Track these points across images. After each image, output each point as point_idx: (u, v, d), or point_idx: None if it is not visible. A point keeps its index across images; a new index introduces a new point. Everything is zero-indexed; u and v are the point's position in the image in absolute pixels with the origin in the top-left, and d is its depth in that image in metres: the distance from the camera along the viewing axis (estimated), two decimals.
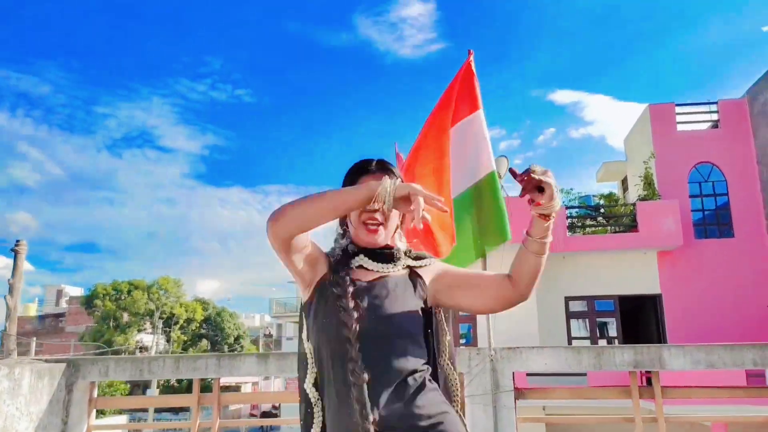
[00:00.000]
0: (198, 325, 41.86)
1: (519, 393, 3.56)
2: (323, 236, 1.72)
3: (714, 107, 16.27)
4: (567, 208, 16.32)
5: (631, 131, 18.42)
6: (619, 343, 14.90)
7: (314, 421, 1.57)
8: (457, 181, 4.00)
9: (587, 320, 15.47)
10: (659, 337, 15.12)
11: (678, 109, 16.36)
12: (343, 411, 1.46)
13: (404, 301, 1.59)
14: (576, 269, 15.11)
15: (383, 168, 1.69)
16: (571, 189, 18.39)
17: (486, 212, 3.94)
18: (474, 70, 3.98)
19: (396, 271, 1.65)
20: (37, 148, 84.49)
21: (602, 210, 17.22)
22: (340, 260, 1.62)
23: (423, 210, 1.40)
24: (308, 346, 1.63)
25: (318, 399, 1.58)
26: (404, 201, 1.45)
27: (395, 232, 1.70)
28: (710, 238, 15.50)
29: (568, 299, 15.33)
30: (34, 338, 25.96)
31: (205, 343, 42.50)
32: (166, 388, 33.98)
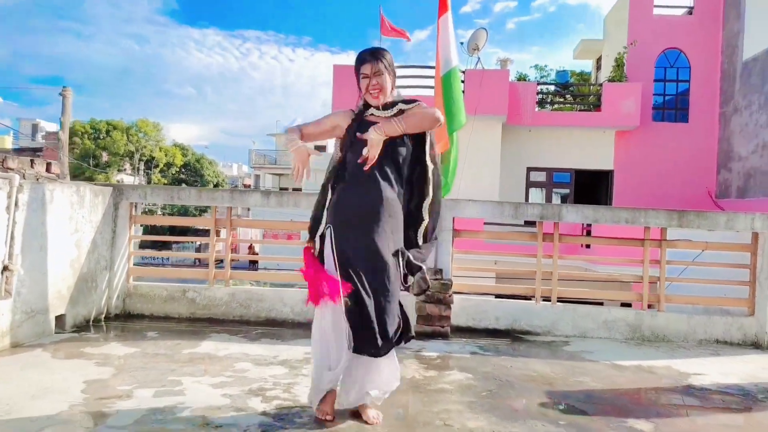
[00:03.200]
0: (177, 169, 42.89)
1: (456, 233, 4.82)
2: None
3: None
4: (538, 84, 17.10)
5: (611, 10, 18.72)
6: None
7: (327, 202, 2.70)
8: (443, 63, 5.05)
9: (545, 190, 16.97)
10: None
11: None
12: (351, 191, 2.61)
13: (398, 139, 2.65)
14: (539, 142, 16.28)
15: (374, 56, 2.67)
16: (545, 65, 19.02)
17: (453, 93, 4.99)
18: None
19: (398, 114, 2.66)
20: None
21: (571, 88, 18.04)
22: (358, 114, 2.71)
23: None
24: (336, 157, 2.77)
25: (331, 188, 2.71)
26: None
27: (391, 92, 2.72)
28: (666, 122, 16.64)
29: (529, 169, 16.67)
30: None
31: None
32: (152, 230, 35.68)
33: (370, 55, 2.66)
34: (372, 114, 2.68)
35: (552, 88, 17.79)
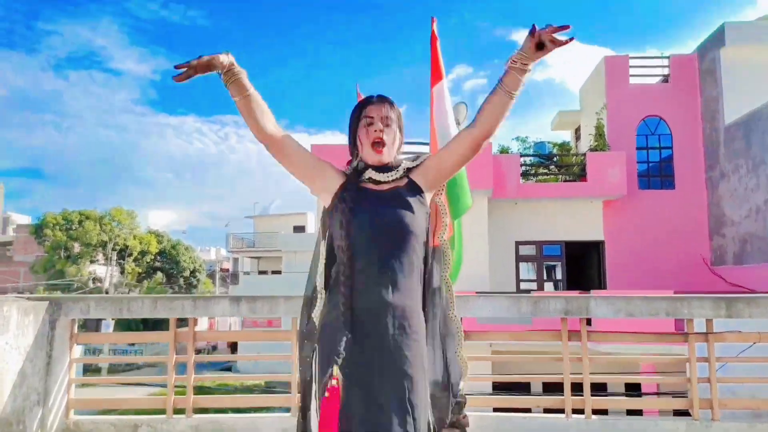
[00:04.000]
0: (153, 257, 41.67)
1: (465, 335, 4.03)
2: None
3: (666, 61, 16.81)
4: (522, 155, 16.85)
5: (586, 81, 18.88)
6: (563, 286, 15.86)
7: (316, 303, 1.99)
8: (440, 136, 4.39)
9: (535, 264, 16.34)
10: (600, 281, 16.14)
11: (632, 62, 16.83)
12: (344, 291, 1.86)
13: (408, 207, 1.94)
14: (527, 215, 15.81)
15: (384, 100, 2.03)
16: (527, 137, 18.91)
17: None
18: (437, 36, 4.24)
19: (401, 182, 2.00)
20: None
21: (555, 159, 17.85)
22: (352, 174, 2.00)
23: None
24: (324, 246, 2.02)
25: (322, 288, 1.99)
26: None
27: (396, 151, 2.05)
28: (653, 189, 16.37)
29: (518, 243, 16.10)
30: None
31: (160, 275, 42.45)
32: (121, 326, 34.08)
33: (379, 99, 2.01)
34: (370, 179, 1.98)
35: (535, 159, 17.56)
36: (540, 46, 1.79)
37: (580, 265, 17.23)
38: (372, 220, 1.89)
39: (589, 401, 3.96)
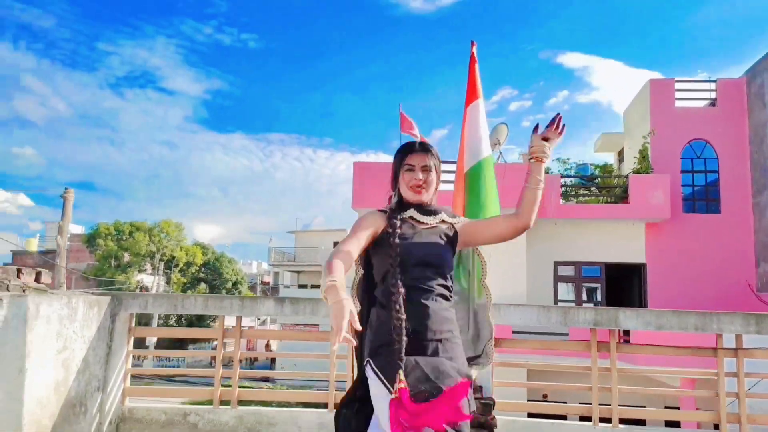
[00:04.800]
0: (197, 268, 42.79)
1: (497, 342, 4.20)
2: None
3: (713, 85, 16.61)
4: (562, 176, 16.83)
5: (630, 104, 18.76)
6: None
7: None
8: (468, 156, 4.60)
9: (574, 284, 16.21)
10: (641, 304, 15.88)
11: (678, 85, 16.68)
12: (387, 314, 2.07)
13: (447, 247, 2.22)
14: (566, 235, 15.75)
15: (424, 148, 2.30)
16: (568, 158, 18.89)
17: (487, 184, 4.50)
18: (476, 59, 4.47)
19: (441, 224, 2.27)
20: (41, 82, 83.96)
21: (596, 180, 17.74)
22: (393, 212, 2.23)
23: None
24: (359, 274, 2.33)
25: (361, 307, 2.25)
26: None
27: (434, 194, 2.30)
28: (698, 213, 16.09)
29: (557, 263, 16.02)
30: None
31: (203, 286, 43.55)
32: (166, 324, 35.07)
33: (421, 147, 2.29)
34: (411, 217, 2.23)
35: (576, 180, 17.50)
36: (546, 139, 2.23)
37: (621, 288, 17.00)
38: (417, 248, 2.15)
39: (617, 410, 4.07)
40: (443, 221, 2.29)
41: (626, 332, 12.57)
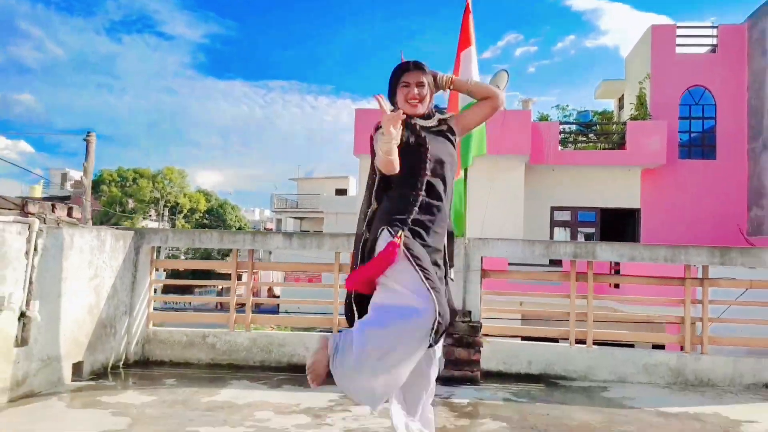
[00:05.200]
0: (201, 215, 43.37)
1: (484, 273, 4.64)
2: None
3: (714, 31, 16.57)
4: (561, 123, 17.03)
5: (632, 50, 18.73)
6: None
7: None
8: (462, 97, 4.96)
9: (570, 229, 16.68)
10: None
11: (679, 31, 16.64)
12: (408, 192, 2.36)
13: (449, 144, 2.53)
14: (563, 181, 16.10)
15: (418, 66, 2.54)
16: (567, 105, 18.99)
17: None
18: (471, 9, 4.75)
19: (442, 126, 2.55)
20: (37, 27, 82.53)
21: (594, 127, 17.94)
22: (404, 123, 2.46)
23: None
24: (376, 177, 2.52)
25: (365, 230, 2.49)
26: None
27: (429, 103, 2.56)
28: (693, 159, 16.37)
29: (553, 209, 16.44)
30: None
31: None
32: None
33: (414, 65, 2.53)
34: (416, 122, 2.49)
35: (574, 127, 17.70)
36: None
37: (615, 232, 17.46)
38: (432, 147, 2.43)
39: (591, 333, 4.54)
40: (440, 120, 2.57)
41: (617, 271, 13.11)
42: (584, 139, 17.54)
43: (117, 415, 3.18)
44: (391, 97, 2.57)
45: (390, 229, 2.28)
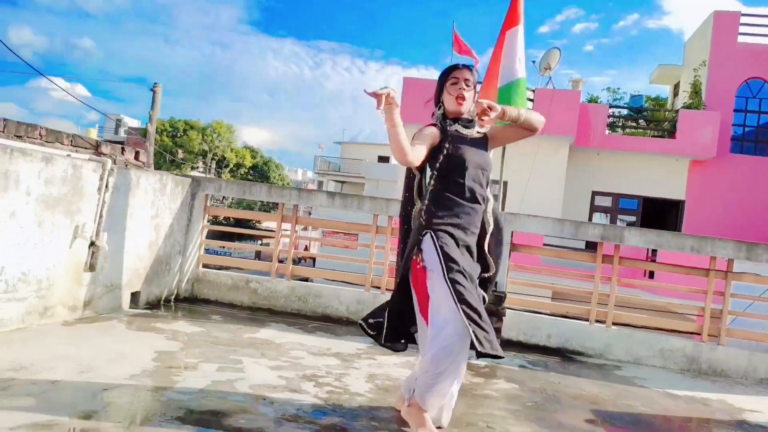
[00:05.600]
0: (246, 170, 44.33)
1: (513, 246, 4.86)
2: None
3: None
4: (610, 107, 16.75)
5: (693, 35, 18.15)
6: None
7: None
8: (503, 75, 5.11)
9: (609, 215, 16.56)
10: None
11: (744, 19, 16.02)
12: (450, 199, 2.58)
13: (487, 153, 2.73)
14: (607, 166, 15.91)
15: (467, 67, 2.76)
16: (618, 88, 18.62)
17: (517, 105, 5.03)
18: None
19: (479, 136, 2.75)
20: None
21: (645, 113, 17.58)
22: (443, 128, 2.67)
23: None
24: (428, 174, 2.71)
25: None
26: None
27: (472, 105, 2.73)
28: (745, 154, 15.94)
29: (594, 193, 16.31)
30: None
31: None
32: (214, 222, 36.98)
33: (464, 65, 2.74)
34: (457, 130, 2.67)
35: (624, 111, 17.39)
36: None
37: (657, 223, 17.25)
38: (470, 154, 2.65)
39: (611, 313, 4.74)
40: (478, 131, 2.76)
41: (653, 260, 13.06)
42: (633, 124, 17.23)
43: (170, 339, 3.58)
44: (438, 96, 2.75)
45: (433, 234, 2.52)
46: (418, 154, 2.47)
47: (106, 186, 3.92)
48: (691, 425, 3.29)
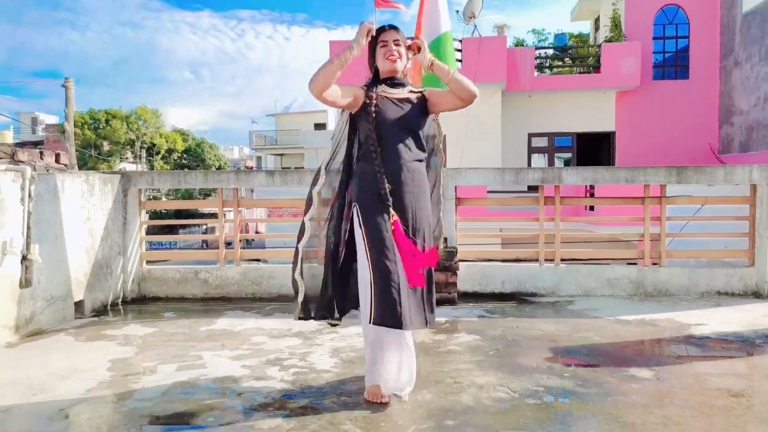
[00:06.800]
0: (179, 155, 42.94)
1: (458, 201, 4.91)
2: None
3: None
4: (536, 48, 16.97)
5: None
6: None
7: (319, 180, 2.70)
8: (429, 31, 5.08)
9: (547, 155, 16.97)
10: None
11: None
12: (369, 166, 2.56)
13: (416, 113, 2.66)
14: (540, 108, 16.24)
15: (393, 28, 2.71)
16: (543, 29, 18.86)
17: (445, 60, 5.02)
18: None
19: (411, 94, 2.69)
20: None
21: (570, 51, 17.90)
22: (369, 87, 2.66)
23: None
24: (345, 140, 2.71)
25: (324, 170, 2.71)
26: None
27: (404, 66, 2.73)
28: (667, 80, 16.54)
29: (531, 135, 16.65)
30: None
31: None
32: (155, 215, 35.85)
33: (390, 26, 2.70)
34: (384, 91, 2.64)
35: (551, 52, 17.66)
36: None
37: (592, 156, 17.80)
38: (394, 112, 2.61)
39: (558, 252, 4.88)
40: (411, 92, 2.71)
41: (592, 195, 13.53)
42: (560, 64, 17.54)
43: (123, 344, 3.47)
44: (371, 60, 2.72)
45: (359, 210, 2.57)
46: (334, 89, 2.51)
47: (29, 195, 3.71)
48: (643, 347, 3.46)
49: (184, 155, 44.06)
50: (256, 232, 31.16)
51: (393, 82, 2.67)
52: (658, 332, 3.73)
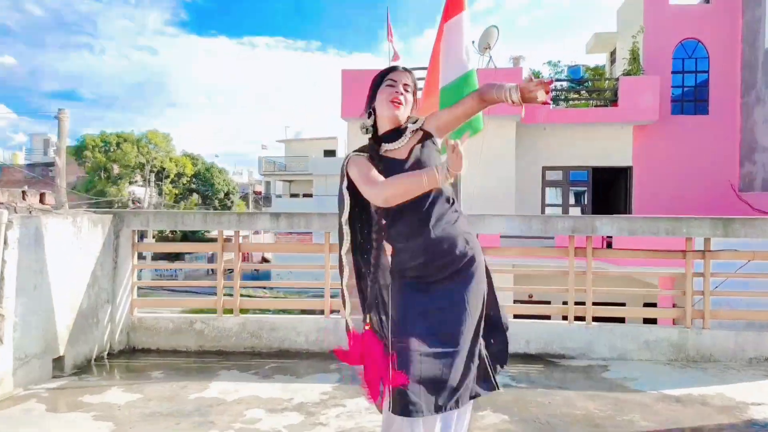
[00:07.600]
0: (188, 179, 42.82)
1: (483, 249, 4.45)
2: None
3: None
4: (552, 81, 16.63)
5: (624, 2, 18.23)
6: (589, 211, 16.11)
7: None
8: (446, 72, 4.67)
9: (561, 188, 16.52)
10: (626, 207, 16.30)
11: None
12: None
13: (429, 162, 2.21)
14: (555, 140, 15.85)
15: (404, 70, 2.34)
16: (559, 61, 18.59)
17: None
18: None
19: (414, 138, 2.28)
20: None
21: (587, 84, 17.59)
22: (371, 152, 2.28)
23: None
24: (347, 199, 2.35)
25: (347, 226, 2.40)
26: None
27: (410, 111, 2.32)
28: (686, 115, 16.13)
29: (545, 168, 16.23)
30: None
31: (196, 197, 43.77)
32: (161, 238, 35.67)
33: (403, 69, 2.34)
34: (387, 150, 2.28)
35: (566, 84, 17.34)
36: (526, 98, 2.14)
37: (607, 191, 17.35)
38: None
39: (590, 310, 4.42)
40: (413, 131, 2.29)
41: (609, 238, 13.04)
42: (576, 96, 17.21)
43: (99, 419, 3.02)
44: (371, 101, 2.34)
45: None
46: (394, 194, 2.12)
47: (5, 242, 3.31)
48: None
49: (193, 179, 43.96)
50: (263, 260, 30.76)
51: (392, 135, 2.29)
52: (713, 415, 3.24)
